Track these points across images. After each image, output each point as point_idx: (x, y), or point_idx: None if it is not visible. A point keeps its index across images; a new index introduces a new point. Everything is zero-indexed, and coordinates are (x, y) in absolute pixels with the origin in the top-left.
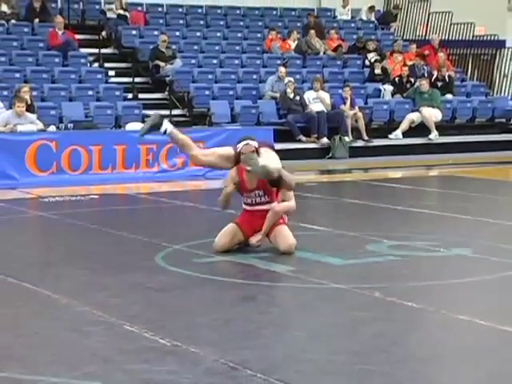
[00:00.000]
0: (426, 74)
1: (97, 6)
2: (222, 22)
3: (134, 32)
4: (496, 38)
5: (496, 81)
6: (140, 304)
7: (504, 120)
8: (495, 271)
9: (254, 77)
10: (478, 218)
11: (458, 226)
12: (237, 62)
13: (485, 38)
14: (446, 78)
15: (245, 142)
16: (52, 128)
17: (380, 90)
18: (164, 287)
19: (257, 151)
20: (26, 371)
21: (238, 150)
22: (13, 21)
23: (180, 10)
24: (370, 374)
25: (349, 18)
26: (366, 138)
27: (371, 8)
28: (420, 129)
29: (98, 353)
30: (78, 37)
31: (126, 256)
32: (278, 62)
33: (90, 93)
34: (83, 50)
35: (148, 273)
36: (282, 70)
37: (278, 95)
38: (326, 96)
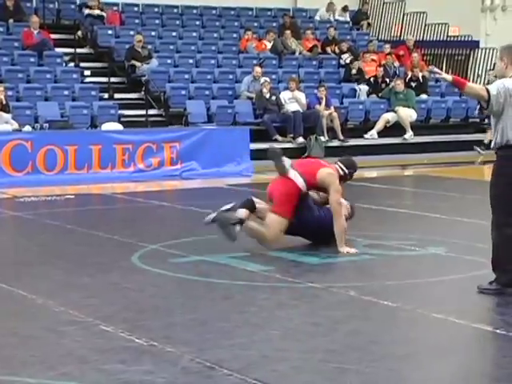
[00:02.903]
0: (400, 74)
1: (72, 6)
2: (197, 22)
3: (109, 32)
4: (470, 38)
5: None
6: (116, 304)
7: (478, 120)
8: (469, 270)
9: (230, 77)
10: (452, 217)
11: (433, 225)
12: (213, 61)
13: (459, 38)
14: (420, 78)
15: None
16: (27, 128)
17: (355, 90)
18: (140, 287)
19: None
20: (1, 372)
21: None
22: None
23: (156, 9)
24: (345, 372)
25: (331, 18)
26: (341, 137)
27: (345, 8)
28: (395, 129)
29: (74, 353)
30: (53, 36)
31: (102, 256)
32: (254, 62)
33: (66, 93)
34: (59, 50)
35: (124, 273)
36: (258, 69)
37: (253, 95)
38: (301, 96)
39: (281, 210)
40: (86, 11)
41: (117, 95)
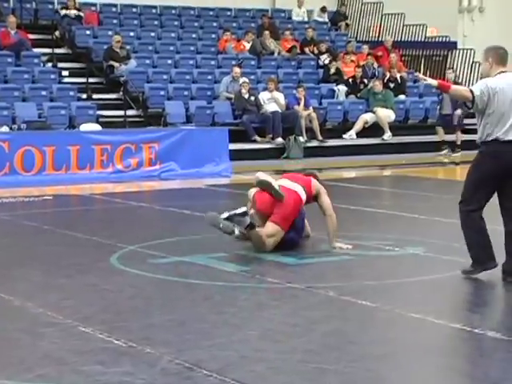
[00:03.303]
0: (379, 75)
1: (50, 6)
2: (176, 23)
3: (87, 32)
4: (447, 39)
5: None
6: (95, 305)
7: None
8: (447, 270)
9: (209, 77)
10: (430, 218)
11: (412, 226)
12: (191, 62)
13: (437, 39)
14: (398, 78)
15: None
16: (5, 128)
17: (334, 91)
18: (119, 288)
19: None
20: None
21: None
22: None
23: (134, 10)
24: (324, 372)
25: (305, 19)
26: (320, 138)
27: (323, 9)
28: (374, 129)
29: (52, 354)
30: (30, 36)
31: (81, 257)
32: (233, 62)
33: (44, 93)
34: (36, 50)
35: (103, 274)
36: (237, 70)
37: (232, 96)
38: (280, 96)
39: (284, 221)
40: (63, 11)
41: (95, 96)
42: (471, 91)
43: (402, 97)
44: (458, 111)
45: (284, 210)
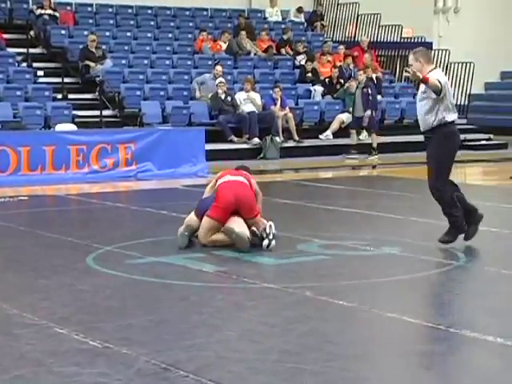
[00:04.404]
0: (355, 76)
1: (25, 6)
2: (152, 23)
3: (63, 32)
4: (423, 39)
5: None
6: (70, 306)
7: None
8: (423, 269)
9: (186, 77)
10: (407, 217)
11: (388, 225)
12: (168, 62)
13: (412, 39)
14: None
15: None
16: None
17: (310, 91)
18: (95, 289)
19: None
20: None
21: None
22: None
23: (110, 9)
24: (301, 372)
25: (279, 19)
26: (296, 138)
27: (299, 9)
28: (350, 129)
29: (28, 355)
30: (5, 36)
31: (57, 258)
32: (209, 62)
33: (19, 93)
34: (11, 50)
35: (79, 274)
36: (219, 68)
37: (204, 94)
38: (256, 97)
39: (256, 211)
40: (39, 11)
41: (71, 96)
42: (439, 82)
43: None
44: (368, 112)
45: (250, 204)
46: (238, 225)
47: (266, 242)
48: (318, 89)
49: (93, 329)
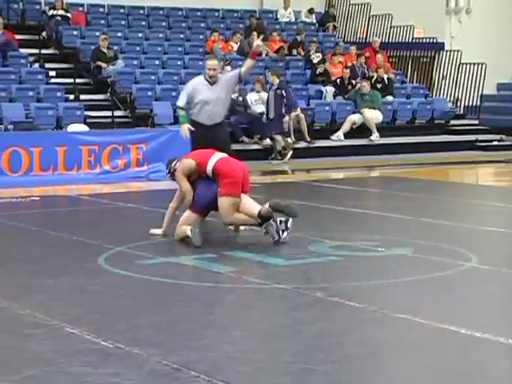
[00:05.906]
0: (366, 76)
1: (37, 6)
2: (164, 23)
3: (75, 32)
4: (435, 40)
5: (435, 83)
6: (82, 306)
7: (443, 121)
8: (434, 270)
9: None
10: (418, 218)
11: (399, 226)
12: (179, 63)
13: (424, 40)
14: (386, 79)
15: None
16: None
17: (322, 92)
18: (107, 289)
19: None
20: None
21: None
22: None
23: (122, 10)
24: (311, 373)
25: (292, 19)
26: (308, 139)
27: (310, 10)
28: (361, 130)
29: (40, 356)
30: (17, 37)
31: (68, 258)
32: (221, 63)
33: (31, 94)
34: (23, 51)
35: (90, 274)
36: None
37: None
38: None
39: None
40: (51, 12)
41: (82, 96)
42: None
43: (389, 98)
44: (286, 118)
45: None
46: (251, 204)
47: (285, 235)
48: (330, 89)
49: (104, 329)
